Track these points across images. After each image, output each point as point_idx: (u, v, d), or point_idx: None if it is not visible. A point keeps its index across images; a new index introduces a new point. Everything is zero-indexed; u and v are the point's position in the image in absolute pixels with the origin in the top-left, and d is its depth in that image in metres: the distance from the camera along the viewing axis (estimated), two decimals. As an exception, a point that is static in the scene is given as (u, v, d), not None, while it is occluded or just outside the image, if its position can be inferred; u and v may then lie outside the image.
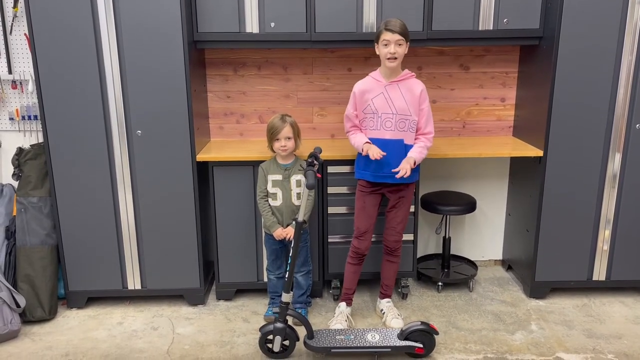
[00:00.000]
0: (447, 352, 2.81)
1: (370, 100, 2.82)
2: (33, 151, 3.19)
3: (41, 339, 2.98)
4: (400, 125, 2.81)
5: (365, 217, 2.95)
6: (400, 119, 2.80)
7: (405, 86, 2.82)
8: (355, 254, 3.01)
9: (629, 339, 2.92)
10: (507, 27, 3.13)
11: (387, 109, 2.80)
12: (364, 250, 3.00)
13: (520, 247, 3.51)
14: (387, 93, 2.81)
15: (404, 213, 2.98)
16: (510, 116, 3.65)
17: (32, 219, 3.15)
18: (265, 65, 3.52)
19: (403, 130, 2.82)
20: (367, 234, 2.97)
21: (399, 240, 3.03)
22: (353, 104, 2.89)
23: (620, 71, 3.03)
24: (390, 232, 3.01)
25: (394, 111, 2.80)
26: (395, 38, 2.69)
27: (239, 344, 2.91)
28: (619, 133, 3.11)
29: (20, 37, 3.33)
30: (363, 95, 2.84)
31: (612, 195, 3.20)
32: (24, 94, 3.41)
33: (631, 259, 3.29)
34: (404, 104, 2.79)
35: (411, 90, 2.82)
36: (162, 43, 2.92)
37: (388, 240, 3.03)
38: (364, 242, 2.98)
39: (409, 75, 2.84)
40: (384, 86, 2.81)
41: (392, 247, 3.03)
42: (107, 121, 3.02)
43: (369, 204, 2.94)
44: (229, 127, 3.62)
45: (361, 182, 2.96)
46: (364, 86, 2.86)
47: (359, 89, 2.86)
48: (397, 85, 2.81)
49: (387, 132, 2.82)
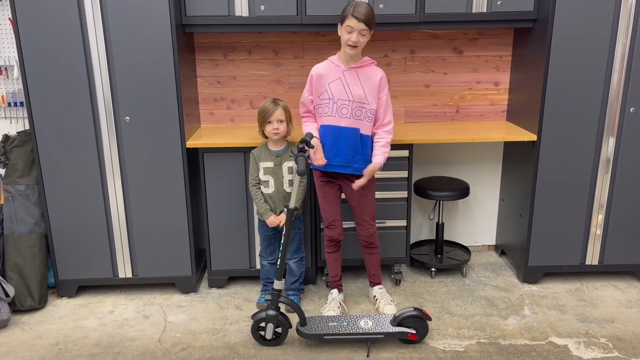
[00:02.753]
0: (440, 338, 2.81)
1: (327, 85, 2.75)
2: (19, 138, 3.13)
3: (31, 329, 2.95)
4: (357, 113, 2.74)
5: (329, 206, 2.92)
6: (356, 106, 2.74)
7: (365, 73, 2.74)
8: (329, 242, 2.99)
9: (621, 323, 2.93)
10: (500, 9, 3.08)
11: (343, 95, 2.73)
12: (337, 237, 2.97)
13: (514, 232, 3.50)
14: (345, 79, 2.73)
15: (368, 203, 2.92)
16: (504, 100, 3.62)
17: (19, 207, 3.10)
18: (255, 50, 3.46)
19: (359, 119, 2.75)
20: (336, 222, 2.94)
21: (374, 232, 2.97)
22: (309, 88, 2.82)
23: (614, 54, 2.99)
24: (362, 226, 2.95)
25: (350, 98, 2.73)
26: (359, 27, 2.61)
27: (232, 332, 2.89)
28: (613, 117, 3.09)
29: (4, 22, 3.25)
30: (320, 79, 2.77)
31: (606, 180, 3.19)
32: (10, 79, 3.35)
33: (624, 244, 3.29)
34: (361, 91, 2.72)
35: (370, 77, 2.74)
36: (150, 27, 2.86)
37: (362, 235, 2.98)
38: (335, 230, 2.95)
39: (368, 62, 2.77)
40: (342, 71, 2.74)
41: (368, 241, 2.99)
42: (94, 107, 2.97)
43: (328, 192, 2.91)
44: (219, 112, 3.57)
45: (316, 172, 2.91)
46: (322, 70, 2.79)
47: (317, 73, 2.79)
48: (356, 71, 2.74)
49: (343, 119, 2.75)
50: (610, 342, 2.76)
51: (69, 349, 2.77)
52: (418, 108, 3.61)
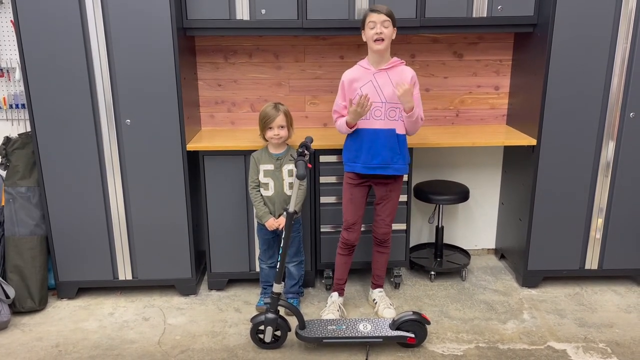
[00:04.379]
0: (439, 342, 2.81)
1: (358, 88, 2.75)
2: (21, 140, 3.14)
3: (31, 330, 2.96)
4: (391, 114, 2.76)
5: (354, 208, 2.93)
6: (390, 107, 2.75)
7: (395, 73, 2.76)
8: (344, 245, 2.99)
9: (620, 328, 2.93)
10: (501, 14, 3.09)
11: (376, 98, 2.74)
12: (353, 241, 2.98)
13: (513, 236, 3.51)
14: (376, 81, 2.75)
15: (392, 205, 2.95)
16: (504, 104, 3.62)
17: (20, 209, 3.11)
18: (256, 53, 3.47)
19: (394, 120, 2.77)
20: (356, 226, 2.95)
21: (389, 232, 3.00)
22: (342, 94, 2.82)
23: (614, 59, 3.00)
24: (379, 224, 2.98)
25: (383, 100, 2.75)
26: (381, 19, 2.63)
27: (231, 335, 2.90)
28: (613, 122, 3.09)
29: (6, 24, 3.27)
30: (352, 84, 2.78)
31: (605, 184, 3.19)
32: (11, 82, 3.36)
33: (624, 248, 3.29)
34: (394, 92, 2.73)
35: (401, 77, 2.75)
36: (151, 30, 2.87)
37: (377, 232, 3.00)
38: (353, 234, 2.96)
39: (398, 63, 2.78)
40: (373, 74, 2.75)
41: (382, 239, 3.01)
42: (95, 110, 2.98)
43: (356, 195, 2.91)
44: (220, 115, 3.58)
45: (349, 174, 2.91)
46: (352, 75, 2.79)
47: (348, 78, 2.79)
48: (387, 72, 2.75)
49: (377, 121, 2.76)
50: (609, 347, 2.76)
51: (68, 350, 2.77)
52: (418, 112, 3.61)
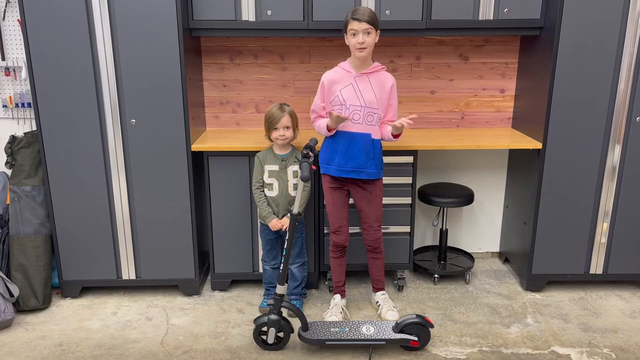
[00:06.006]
0: (442, 345, 2.80)
1: (338, 91, 2.75)
2: (26, 139, 3.15)
3: (35, 329, 2.97)
4: (368, 119, 2.75)
5: (337, 211, 2.92)
6: (368, 112, 2.74)
7: (376, 79, 2.75)
8: (335, 247, 2.99)
9: (625, 333, 2.91)
10: (507, 17, 3.08)
11: (355, 101, 2.73)
12: (342, 242, 2.97)
13: (518, 239, 3.49)
14: (357, 84, 2.74)
15: (376, 209, 2.92)
16: (510, 107, 3.61)
17: (25, 207, 3.12)
18: (262, 54, 3.47)
19: (371, 124, 2.76)
20: (343, 227, 2.94)
21: (379, 237, 2.98)
22: (321, 95, 2.81)
23: (621, 63, 2.98)
24: (368, 231, 2.96)
25: (362, 104, 2.73)
26: (362, 27, 2.62)
27: (234, 335, 2.89)
28: (619, 125, 3.08)
29: (13, 23, 3.28)
30: (332, 86, 2.77)
31: (611, 188, 3.18)
32: (17, 80, 3.37)
33: (629, 253, 3.27)
34: (373, 97, 2.73)
35: (382, 84, 2.75)
36: (157, 30, 2.88)
37: (367, 239, 2.99)
38: (341, 236, 2.95)
39: (379, 68, 2.77)
40: (354, 77, 2.74)
41: (373, 246, 3.00)
42: (100, 109, 2.99)
43: (337, 198, 2.90)
44: (225, 116, 3.58)
45: (326, 177, 2.91)
46: (333, 76, 2.78)
47: (328, 79, 2.78)
48: (367, 77, 2.74)
49: (355, 125, 2.75)
50: (613, 352, 2.75)
51: (71, 349, 2.78)
52: (423, 114, 3.61)
